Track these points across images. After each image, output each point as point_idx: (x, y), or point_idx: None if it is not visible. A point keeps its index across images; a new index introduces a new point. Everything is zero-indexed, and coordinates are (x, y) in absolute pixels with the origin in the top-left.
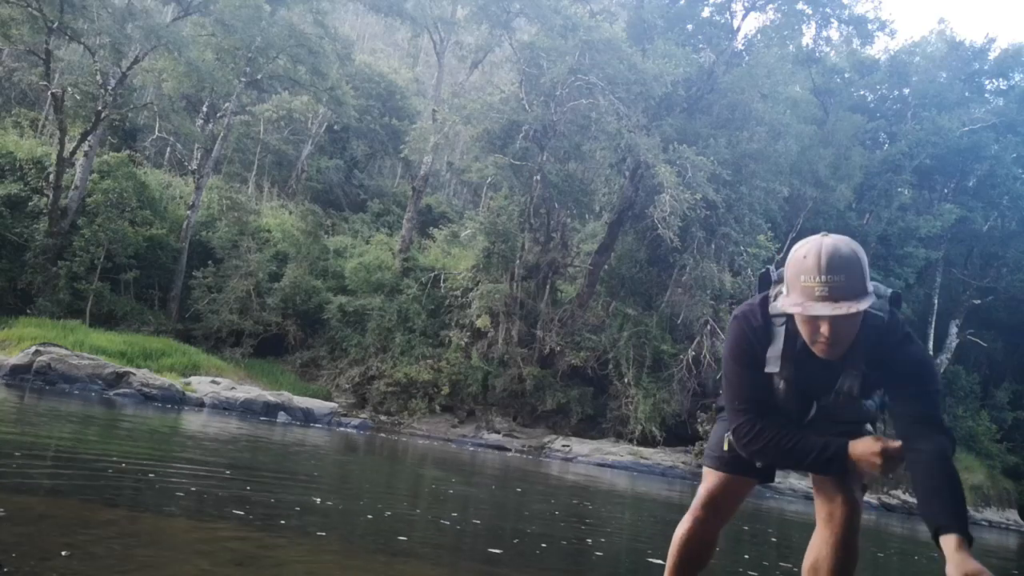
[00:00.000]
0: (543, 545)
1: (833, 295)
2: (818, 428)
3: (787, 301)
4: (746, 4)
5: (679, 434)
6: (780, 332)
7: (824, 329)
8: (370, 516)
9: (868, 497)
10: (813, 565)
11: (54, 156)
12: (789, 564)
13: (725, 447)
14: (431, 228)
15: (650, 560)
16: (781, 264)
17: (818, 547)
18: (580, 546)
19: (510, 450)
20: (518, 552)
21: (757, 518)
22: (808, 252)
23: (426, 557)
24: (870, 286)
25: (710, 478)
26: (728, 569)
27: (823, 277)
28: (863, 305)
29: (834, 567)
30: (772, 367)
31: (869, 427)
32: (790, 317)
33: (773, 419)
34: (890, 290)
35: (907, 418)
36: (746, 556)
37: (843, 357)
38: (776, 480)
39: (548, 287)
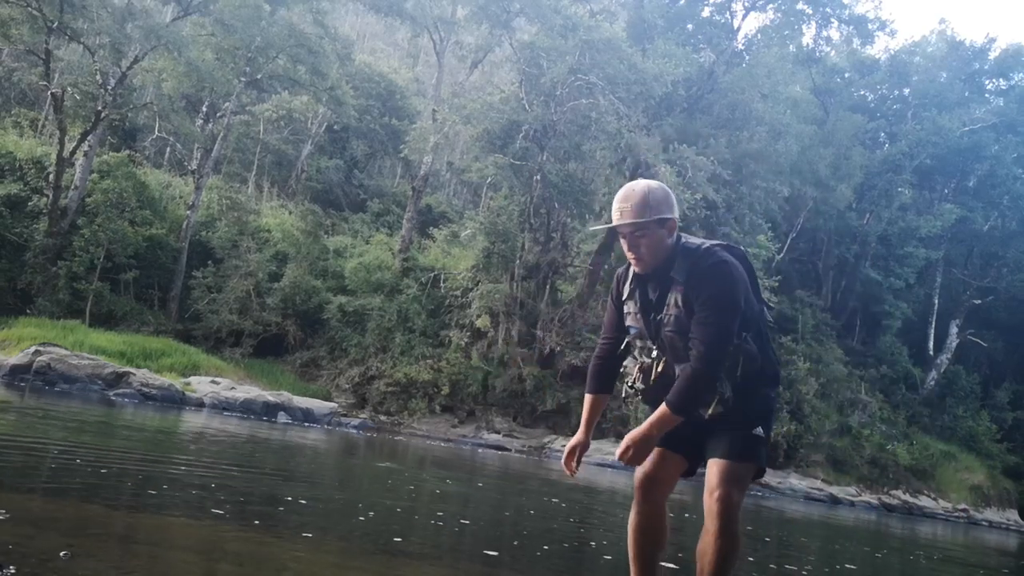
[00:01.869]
0: (544, 547)
1: (623, 216)
2: (668, 344)
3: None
4: (746, 4)
5: None
6: (631, 270)
7: (625, 244)
8: (370, 516)
9: (868, 497)
10: (701, 550)
11: (54, 156)
12: (795, 567)
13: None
14: (431, 228)
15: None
16: (781, 263)
17: (704, 538)
18: (582, 547)
19: (510, 450)
20: (519, 554)
21: (759, 518)
22: (622, 189)
23: (426, 558)
24: (660, 215)
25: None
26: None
27: (617, 204)
28: (634, 221)
29: (714, 550)
30: (626, 292)
31: None
32: None
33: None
34: (717, 242)
35: (692, 335)
36: (751, 559)
37: (667, 276)
38: (776, 481)
39: (548, 287)
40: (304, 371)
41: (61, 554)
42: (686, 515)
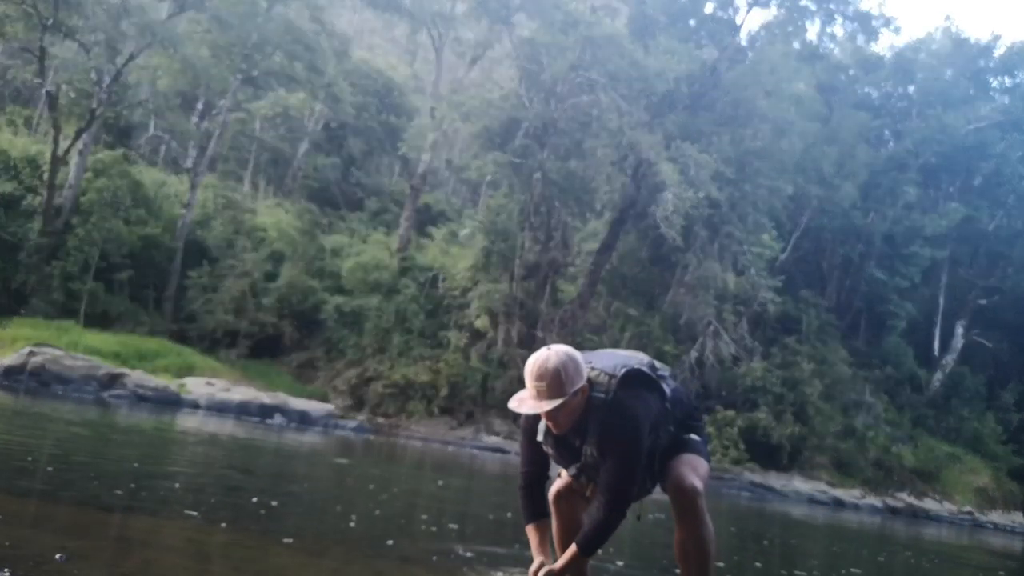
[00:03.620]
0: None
1: (539, 396)
2: (592, 474)
3: (516, 397)
4: (749, 0)
5: None
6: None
7: (544, 416)
8: (368, 521)
9: (873, 500)
10: (681, 550)
11: (48, 154)
12: (804, 572)
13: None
14: (429, 227)
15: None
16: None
17: (679, 534)
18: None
19: (510, 453)
20: (522, 557)
21: (762, 522)
22: (530, 362)
23: (425, 563)
24: (574, 388)
25: (562, 473)
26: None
27: (532, 383)
28: (553, 405)
29: (695, 549)
30: (540, 437)
31: None
32: None
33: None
34: (623, 371)
35: (600, 480)
36: (757, 564)
37: (581, 429)
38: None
39: (548, 287)
40: (300, 372)
41: (56, 556)
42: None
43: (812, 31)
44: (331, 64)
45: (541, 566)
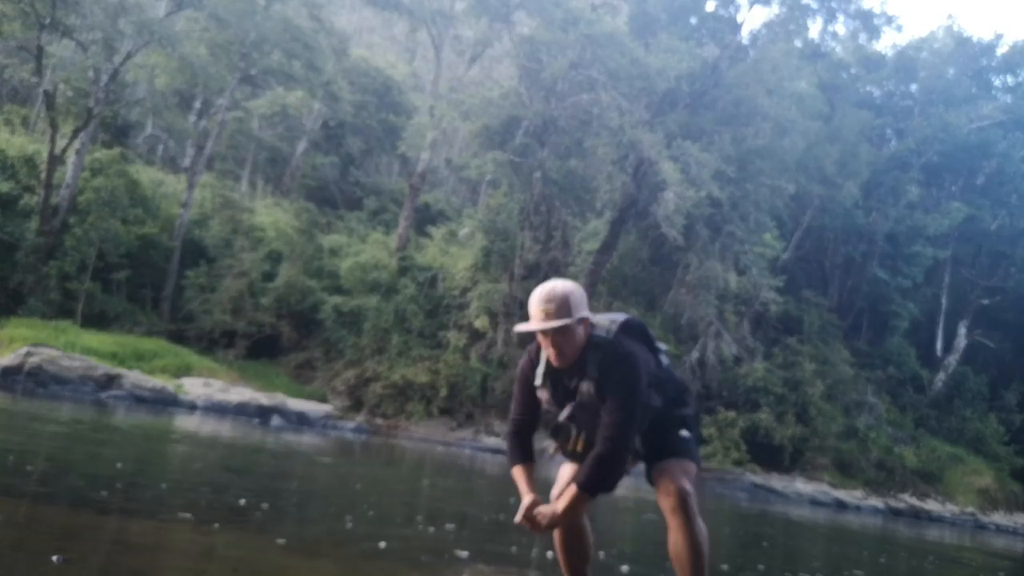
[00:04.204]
0: (548, 553)
1: (548, 318)
2: (584, 422)
3: (523, 325)
4: None
5: None
6: (543, 357)
7: (546, 342)
8: (367, 523)
9: (875, 501)
10: (674, 553)
11: (45, 153)
12: (807, 575)
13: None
14: (429, 226)
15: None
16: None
17: (672, 537)
18: (596, 560)
19: None
20: (519, 557)
21: (764, 523)
22: (537, 289)
23: (426, 566)
24: (579, 315)
25: (560, 476)
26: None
27: (540, 305)
28: (562, 322)
29: (687, 551)
30: (538, 380)
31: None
32: None
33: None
34: (624, 318)
35: (601, 421)
36: (760, 566)
37: (580, 368)
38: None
39: None
40: (299, 373)
41: (53, 558)
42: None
43: (814, 29)
44: (330, 62)
45: (535, 503)
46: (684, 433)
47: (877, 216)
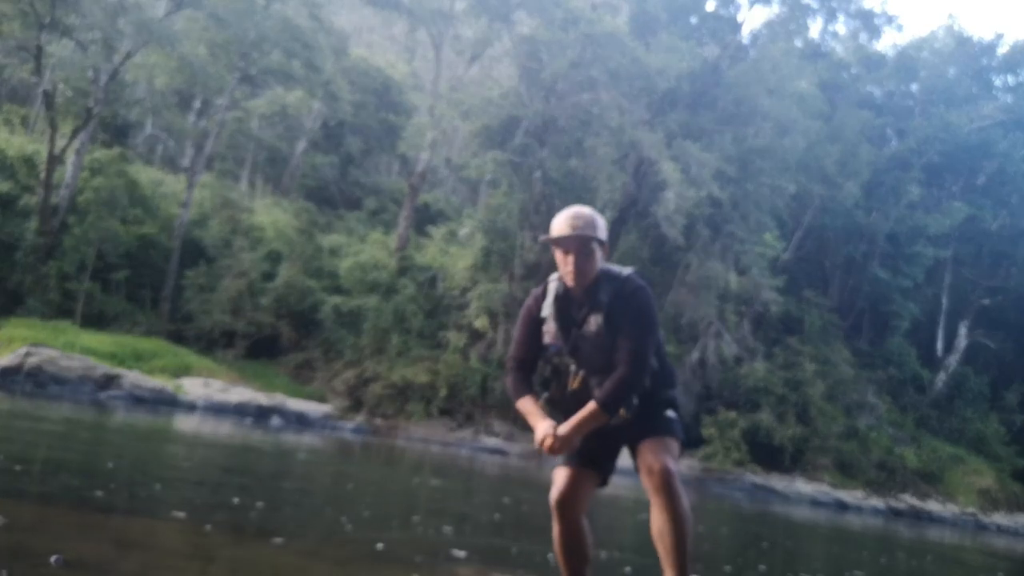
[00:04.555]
0: (548, 555)
1: (576, 231)
2: (584, 359)
3: (548, 236)
4: None
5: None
6: (552, 286)
7: (569, 259)
8: (364, 523)
9: (876, 501)
10: (658, 532)
11: (45, 153)
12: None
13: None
14: (428, 226)
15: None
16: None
17: (655, 516)
18: (598, 560)
19: (509, 454)
20: (516, 557)
21: (765, 524)
22: (564, 210)
23: (424, 568)
24: (603, 235)
25: (556, 478)
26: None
27: (568, 220)
28: (590, 234)
29: (671, 529)
30: (546, 311)
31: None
32: (559, 278)
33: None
34: (632, 269)
35: (619, 347)
36: (761, 567)
37: (591, 297)
38: (782, 486)
39: None
40: (298, 373)
41: (52, 559)
42: (700, 528)
43: (814, 29)
44: (329, 62)
45: (551, 427)
46: (670, 413)
47: (878, 216)
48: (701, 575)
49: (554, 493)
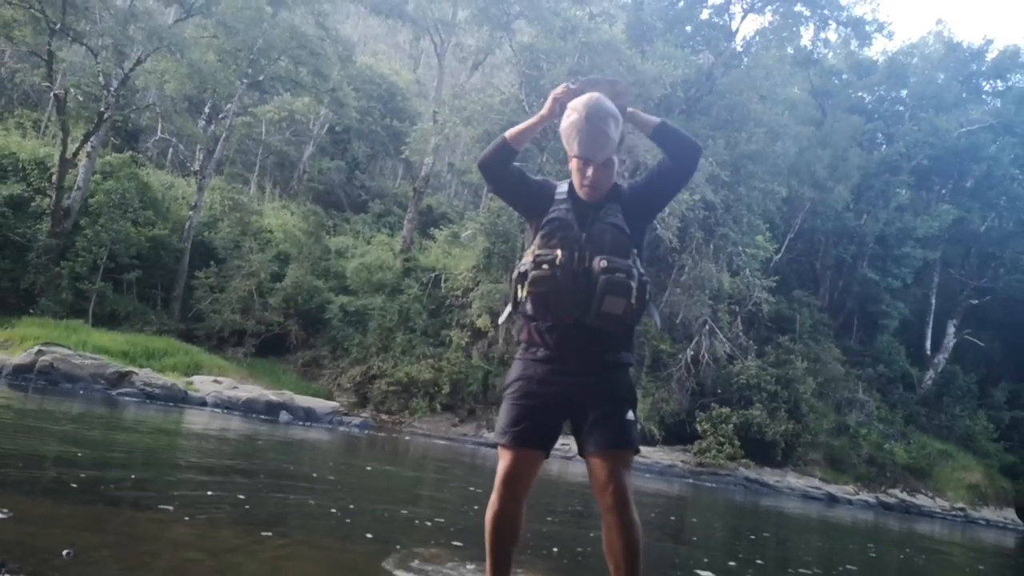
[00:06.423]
0: (554, 549)
1: (603, 152)
2: (594, 240)
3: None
4: (744, 6)
5: (678, 433)
6: (566, 185)
7: (588, 170)
8: (371, 518)
9: (866, 496)
10: (609, 546)
11: (56, 157)
12: (809, 571)
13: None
14: (432, 229)
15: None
16: (779, 263)
17: (609, 534)
18: (595, 550)
19: None
20: (523, 548)
21: (757, 517)
22: (589, 102)
23: (430, 560)
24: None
25: (503, 458)
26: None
27: (600, 133)
28: (613, 149)
29: (623, 544)
30: (556, 197)
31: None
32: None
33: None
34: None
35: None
36: (759, 562)
37: (607, 200)
38: (774, 480)
39: None
40: (306, 370)
41: (63, 552)
42: (694, 520)
43: (806, 36)
44: (335, 69)
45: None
46: (630, 416)
47: (868, 218)
48: (704, 567)
49: (503, 471)
